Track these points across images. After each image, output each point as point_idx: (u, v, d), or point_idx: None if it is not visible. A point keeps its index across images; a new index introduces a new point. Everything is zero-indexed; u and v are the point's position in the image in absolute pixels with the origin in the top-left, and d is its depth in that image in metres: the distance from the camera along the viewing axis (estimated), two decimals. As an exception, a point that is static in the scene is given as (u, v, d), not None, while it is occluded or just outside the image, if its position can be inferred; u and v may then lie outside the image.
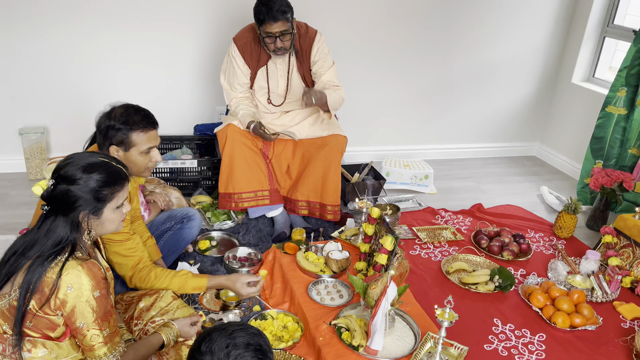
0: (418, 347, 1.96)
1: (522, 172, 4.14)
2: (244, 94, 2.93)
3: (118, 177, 1.50)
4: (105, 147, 1.93)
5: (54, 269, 1.39)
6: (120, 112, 1.92)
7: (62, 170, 1.45)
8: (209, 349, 1.12)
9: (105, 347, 1.47)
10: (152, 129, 1.96)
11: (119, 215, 1.54)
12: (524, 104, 4.29)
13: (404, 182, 3.64)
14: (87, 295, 1.41)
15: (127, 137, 1.91)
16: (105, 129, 1.91)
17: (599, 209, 3.27)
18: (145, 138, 1.94)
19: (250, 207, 2.91)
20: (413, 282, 2.55)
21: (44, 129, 3.36)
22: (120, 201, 1.52)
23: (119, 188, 1.50)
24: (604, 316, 2.43)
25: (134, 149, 1.93)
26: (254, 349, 1.14)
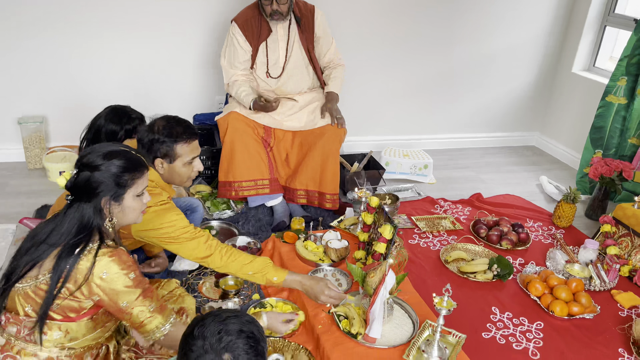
0: (416, 335, 1.97)
1: (521, 162, 4.14)
2: (244, 72, 2.92)
3: (138, 164, 1.54)
4: (150, 160, 1.95)
5: (87, 256, 1.43)
6: (163, 124, 1.94)
7: (84, 158, 1.50)
8: (201, 334, 1.12)
9: (156, 320, 1.51)
10: (195, 139, 2.00)
11: (139, 204, 1.57)
12: (524, 94, 4.27)
13: (403, 171, 3.64)
14: (123, 279, 1.45)
15: (171, 150, 1.94)
16: (149, 143, 1.93)
17: (598, 198, 3.28)
18: (189, 149, 1.97)
19: (250, 195, 2.91)
20: (412, 271, 2.56)
21: (43, 118, 3.35)
22: (140, 189, 1.55)
23: (138, 175, 1.53)
24: (601, 305, 2.44)
25: (179, 161, 1.97)
26: (246, 336, 1.14)
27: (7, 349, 1.48)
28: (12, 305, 1.49)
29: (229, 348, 1.11)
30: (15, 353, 1.47)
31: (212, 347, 1.11)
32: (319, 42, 2.98)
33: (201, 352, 1.11)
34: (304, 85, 3.02)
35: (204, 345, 1.11)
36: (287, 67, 2.94)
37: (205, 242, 1.96)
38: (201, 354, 1.10)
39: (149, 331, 1.52)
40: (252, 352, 1.14)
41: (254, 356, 1.14)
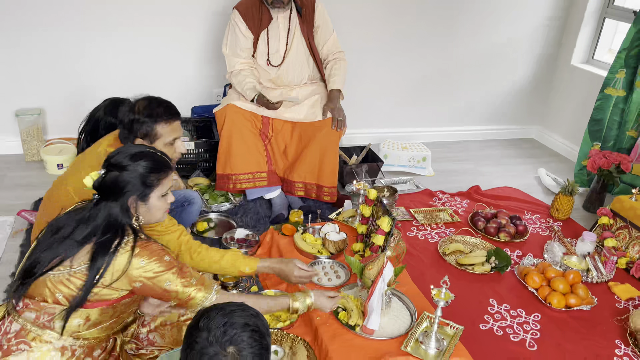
0: (414, 327, 1.98)
1: (519, 155, 4.14)
2: (247, 59, 2.92)
3: (163, 165, 1.60)
4: (130, 140, 1.95)
5: (124, 251, 1.49)
6: (144, 105, 1.94)
7: (112, 159, 1.56)
8: (206, 327, 1.12)
9: (201, 292, 1.58)
10: (176, 120, 2.00)
11: (164, 203, 1.62)
12: (523, 86, 4.27)
13: (402, 164, 3.63)
14: (160, 263, 1.53)
15: (152, 130, 1.93)
16: (129, 123, 1.93)
17: (596, 190, 3.28)
18: (169, 129, 1.97)
19: (248, 188, 2.91)
20: (410, 263, 2.57)
21: (40, 111, 3.34)
22: (165, 189, 1.61)
23: (164, 175, 1.59)
24: (599, 296, 2.45)
25: (159, 141, 1.96)
26: (251, 329, 1.14)
27: (21, 335, 1.50)
28: (37, 291, 1.52)
29: (234, 341, 1.11)
30: (30, 340, 1.50)
31: (217, 339, 1.11)
32: (318, 31, 2.97)
33: (205, 344, 1.11)
34: (304, 75, 3.02)
35: (208, 338, 1.11)
36: (288, 56, 2.94)
37: (177, 239, 1.97)
38: (205, 346, 1.10)
39: (198, 303, 1.59)
40: (257, 345, 1.13)
41: (258, 350, 1.14)
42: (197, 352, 1.10)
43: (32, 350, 1.49)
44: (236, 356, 1.10)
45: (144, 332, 1.83)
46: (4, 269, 2.38)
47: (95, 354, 1.62)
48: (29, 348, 1.49)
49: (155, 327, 1.84)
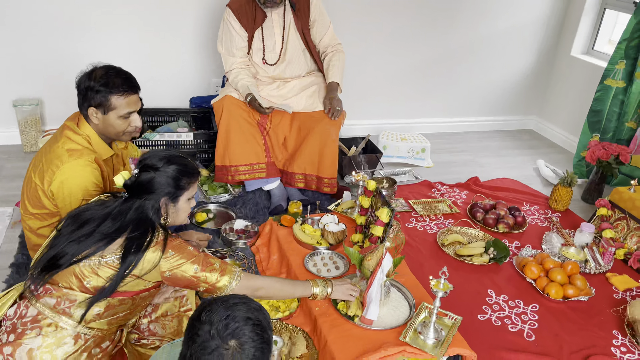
0: (413, 317, 1.98)
1: (519, 146, 4.14)
2: (243, 58, 2.90)
3: (193, 170, 1.67)
4: (84, 107, 1.91)
5: (155, 247, 1.54)
6: (101, 73, 1.88)
7: (146, 160, 1.63)
8: (209, 319, 1.12)
9: (225, 277, 1.64)
10: (133, 94, 1.94)
11: (189, 206, 1.70)
12: (523, 77, 4.25)
13: (401, 155, 3.63)
14: (187, 253, 1.59)
15: (106, 100, 1.88)
16: (84, 90, 1.89)
17: (595, 182, 3.29)
18: (125, 102, 1.91)
19: (247, 179, 2.91)
20: (408, 254, 2.58)
21: (38, 101, 3.33)
22: (192, 193, 1.69)
23: (194, 180, 1.67)
24: (596, 287, 2.46)
25: (113, 113, 1.91)
26: (252, 323, 1.14)
27: (37, 320, 1.53)
28: (63, 278, 1.54)
29: (236, 335, 1.11)
30: (45, 325, 1.52)
31: (219, 333, 1.10)
32: (314, 25, 2.94)
33: (207, 337, 1.10)
34: (301, 70, 3.00)
35: (210, 331, 1.11)
36: (284, 54, 2.92)
37: None
38: (207, 339, 1.10)
39: (226, 285, 1.64)
40: (259, 339, 1.13)
41: (260, 344, 1.13)
42: (198, 345, 1.10)
43: (47, 335, 1.51)
44: (238, 350, 1.10)
45: (145, 323, 1.84)
46: (3, 260, 2.38)
47: (103, 345, 1.64)
48: (43, 333, 1.51)
49: (156, 317, 1.85)
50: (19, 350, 1.49)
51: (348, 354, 1.82)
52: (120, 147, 2.15)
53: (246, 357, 1.11)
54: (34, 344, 1.50)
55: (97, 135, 1.97)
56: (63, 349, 1.52)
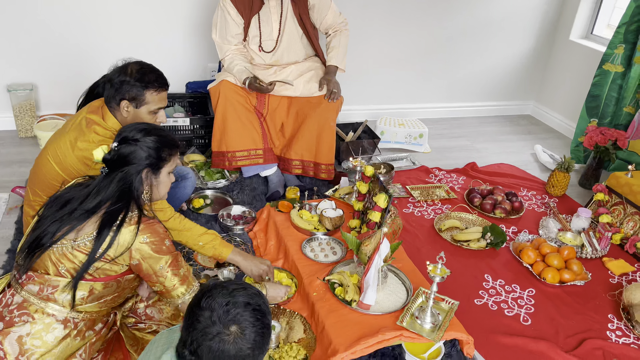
0: (410, 302, 1.99)
1: (516, 131, 4.13)
2: (238, 45, 2.86)
3: (172, 141, 1.66)
4: (116, 100, 1.94)
5: (129, 227, 1.52)
6: (136, 69, 1.94)
7: (125, 133, 1.61)
8: (209, 306, 1.12)
9: (183, 286, 1.62)
10: (164, 91, 2.00)
11: (169, 180, 1.68)
12: (521, 62, 4.23)
13: (399, 141, 3.62)
14: (161, 246, 1.56)
15: (141, 95, 1.93)
16: (119, 83, 1.92)
17: (592, 167, 3.29)
18: (157, 98, 1.98)
19: (244, 165, 2.89)
20: (406, 240, 2.58)
21: (33, 86, 3.29)
22: (173, 166, 1.67)
23: (174, 152, 1.65)
24: (593, 272, 2.47)
25: (145, 107, 1.96)
26: (252, 308, 1.14)
27: (23, 307, 1.53)
28: (40, 264, 1.54)
29: (237, 320, 1.12)
30: (33, 312, 1.52)
31: (220, 319, 1.11)
32: (314, 9, 2.89)
33: (208, 323, 1.11)
34: (299, 56, 2.96)
35: (211, 317, 1.11)
36: (281, 41, 2.88)
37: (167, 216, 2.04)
38: (208, 325, 1.11)
39: (178, 296, 1.63)
40: (259, 324, 1.14)
41: (260, 329, 1.14)
42: (199, 331, 1.11)
43: (35, 322, 1.51)
44: (239, 335, 1.11)
45: (141, 307, 1.84)
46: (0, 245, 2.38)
47: (96, 327, 1.64)
48: (31, 320, 1.51)
49: (153, 302, 1.85)
50: (8, 338, 1.49)
51: (345, 338, 1.83)
52: None
53: (247, 342, 1.12)
54: (22, 330, 1.50)
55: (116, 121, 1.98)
56: (53, 334, 1.52)
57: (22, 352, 1.49)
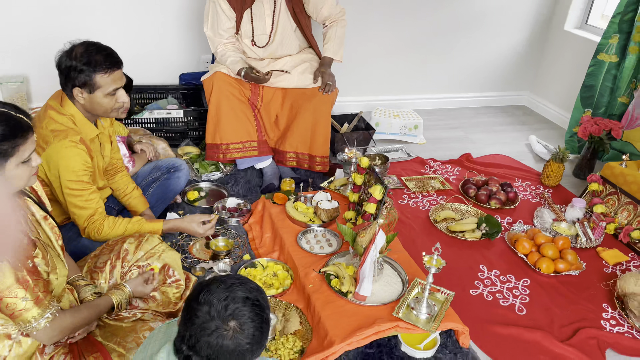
0: (406, 293, 2.00)
1: (511, 122, 4.13)
2: (229, 39, 2.83)
3: (19, 129, 1.35)
4: (68, 88, 1.87)
5: None
6: (81, 51, 1.83)
7: None
8: (208, 300, 1.11)
9: (29, 313, 1.38)
10: (117, 69, 1.89)
11: (26, 170, 1.40)
12: (515, 52, 4.22)
13: (394, 132, 3.61)
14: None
15: (90, 79, 1.84)
16: (66, 70, 1.83)
17: (586, 157, 3.29)
18: (110, 79, 1.87)
19: (239, 158, 2.88)
20: (401, 231, 2.58)
21: (24, 78, 3.26)
22: (25, 155, 1.37)
23: (20, 141, 1.34)
24: (587, 262, 2.48)
25: (99, 91, 1.87)
26: (252, 303, 1.13)
27: None
28: None
29: (235, 315, 1.11)
30: None
31: (219, 314, 1.10)
32: (309, 2, 2.85)
33: (207, 318, 1.10)
34: (292, 49, 2.94)
35: (209, 312, 1.10)
36: (274, 35, 2.85)
37: (88, 217, 1.97)
38: (207, 320, 1.10)
39: (25, 322, 1.40)
40: (258, 319, 1.13)
41: (259, 323, 1.13)
42: (198, 327, 1.09)
43: None
44: (238, 330, 1.10)
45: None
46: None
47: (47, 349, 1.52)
48: None
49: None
50: None
51: (342, 329, 1.83)
52: (106, 125, 2.11)
53: (246, 337, 1.11)
54: None
55: (82, 115, 1.93)
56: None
57: None
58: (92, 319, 1.62)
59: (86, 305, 1.62)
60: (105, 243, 1.96)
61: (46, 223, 1.56)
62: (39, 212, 1.56)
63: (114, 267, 1.84)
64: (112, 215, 2.29)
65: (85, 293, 1.71)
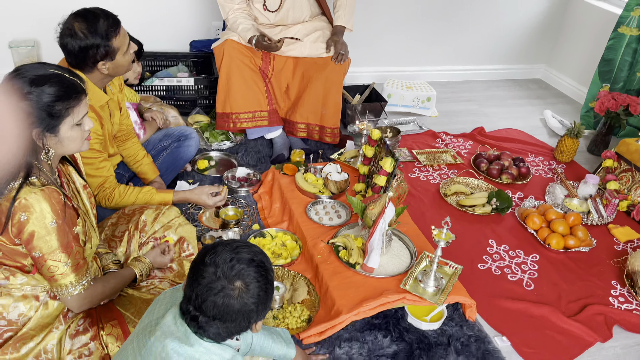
0: (414, 266, 2.00)
1: (526, 95, 4.06)
2: (241, 5, 2.78)
3: (73, 90, 1.38)
4: (89, 67, 1.85)
5: (7, 196, 1.32)
6: (85, 26, 1.79)
7: (10, 82, 1.33)
8: (213, 262, 1.13)
9: (67, 278, 1.43)
10: (120, 25, 1.89)
11: (79, 133, 1.43)
12: (533, 24, 4.11)
13: (406, 104, 3.56)
14: (41, 224, 1.34)
15: (109, 48, 1.84)
16: (81, 50, 1.80)
17: (602, 133, 3.24)
18: (122, 37, 1.88)
19: (249, 127, 2.86)
20: (411, 204, 2.57)
21: (35, 42, 3.24)
22: (78, 117, 1.40)
23: (74, 103, 1.38)
24: (598, 239, 2.47)
25: (119, 54, 1.89)
26: (256, 265, 1.15)
27: None
28: None
29: (241, 276, 1.12)
30: None
31: (225, 274, 1.11)
32: None
33: (213, 278, 1.11)
34: (304, 15, 2.88)
35: (215, 272, 1.12)
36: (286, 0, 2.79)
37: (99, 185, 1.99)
38: (213, 280, 1.11)
39: (60, 286, 1.44)
40: (263, 280, 1.15)
41: (264, 284, 1.15)
42: (204, 287, 1.11)
43: None
44: (243, 290, 1.12)
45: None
46: None
47: None
48: None
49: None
50: None
51: (349, 300, 1.85)
52: (115, 91, 2.10)
53: (251, 297, 1.13)
54: None
55: (91, 82, 1.92)
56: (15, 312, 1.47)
57: None
58: (118, 290, 1.66)
59: (113, 275, 1.65)
60: (121, 211, 1.98)
61: (85, 192, 1.59)
62: (79, 180, 1.59)
63: (132, 237, 1.87)
64: (123, 182, 2.31)
65: (106, 261, 1.74)
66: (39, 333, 1.50)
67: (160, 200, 2.08)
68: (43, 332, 1.51)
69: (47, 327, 1.52)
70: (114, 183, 2.03)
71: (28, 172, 1.34)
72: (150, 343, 1.14)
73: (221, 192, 2.24)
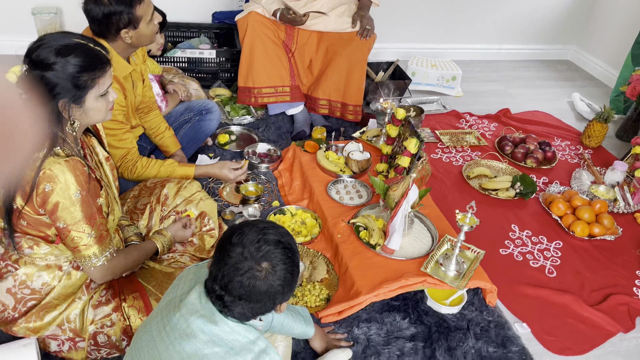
0: (435, 249, 1.97)
1: (554, 77, 3.94)
2: None
3: (98, 60, 1.37)
4: (112, 35, 1.84)
5: (32, 166, 1.31)
6: None
7: (34, 53, 1.31)
8: (241, 242, 1.12)
9: (91, 249, 1.43)
10: None
11: (104, 103, 1.42)
12: (564, 2, 3.97)
13: (430, 83, 3.49)
14: (66, 195, 1.34)
15: (133, 15, 1.82)
16: (105, 17, 1.79)
17: (632, 118, 3.14)
18: (146, 7, 1.86)
19: (270, 103, 2.83)
20: (433, 186, 2.53)
21: (57, 9, 3.22)
22: (103, 88, 1.40)
23: (99, 73, 1.37)
24: (624, 227, 2.41)
25: (142, 23, 1.86)
26: (283, 247, 1.14)
27: (5, 258, 1.49)
28: None
29: (268, 257, 1.11)
30: (13, 262, 1.48)
31: (251, 255, 1.11)
32: None
33: (240, 258, 1.10)
34: (332, 2, 2.80)
35: (243, 253, 1.11)
36: None
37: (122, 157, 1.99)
38: (240, 260, 1.10)
39: (84, 258, 1.45)
40: (289, 262, 1.14)
41: (290, 267, 1.14)
42: (230, 267, 1.10)
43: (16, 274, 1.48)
44: (270, 271, 1.11)
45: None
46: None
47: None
48: (14, 270, 1.48)
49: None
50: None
51: (368, 281, 1.84)
52: (139, 62, 2.08)
53: (278, 278, 1.12)
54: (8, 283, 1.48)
55: (115, 53, 1.90)
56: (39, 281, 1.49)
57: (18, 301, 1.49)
58: (140, 263, 1.67)
59: (136, 248, 1.66)
60: (143, 184, 1.98)
61: (107, 164, 1.60)
62: (102, 152, 1.59)
63: (154, 210, 1.87)
64: (145, 155, 2.30)
65: (128, 233, 1.75)
66: (62, 302, 1.52)
67: (183, 173, 2.08)
68: (66, 301, 1.53)
69: (70, 297, 1.53)
70: (137, 155, 2.03)
71: (53, 143, 1.34)
72: (175, 320, 1.14)
73: (242, 166, 2.23)
